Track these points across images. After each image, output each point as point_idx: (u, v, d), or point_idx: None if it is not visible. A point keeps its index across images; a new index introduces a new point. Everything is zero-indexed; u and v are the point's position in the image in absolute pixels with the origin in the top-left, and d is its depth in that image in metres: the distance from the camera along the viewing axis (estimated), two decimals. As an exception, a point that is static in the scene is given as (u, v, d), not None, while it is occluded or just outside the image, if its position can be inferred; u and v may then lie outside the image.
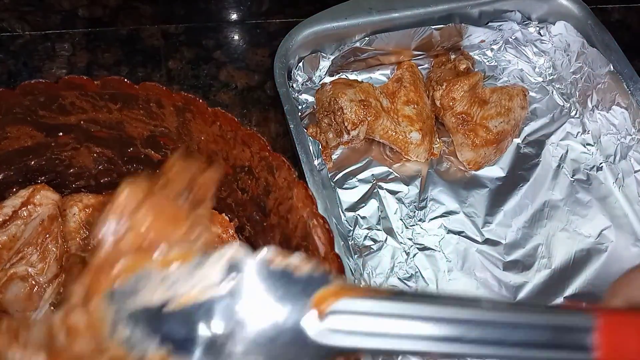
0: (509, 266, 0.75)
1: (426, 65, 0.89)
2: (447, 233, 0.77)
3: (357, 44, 0.83)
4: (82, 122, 0.56)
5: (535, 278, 0.75)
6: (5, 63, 0.82)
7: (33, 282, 0.56)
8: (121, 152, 0.60)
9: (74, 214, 0.59)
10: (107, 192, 0.63)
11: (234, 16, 0.93)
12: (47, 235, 0.58)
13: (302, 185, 0.52)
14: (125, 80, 0.52)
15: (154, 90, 0.53)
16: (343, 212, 0.76)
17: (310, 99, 0.84)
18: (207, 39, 0.89)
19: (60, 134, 0.56)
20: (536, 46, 0.91)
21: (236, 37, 0.91)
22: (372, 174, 0.80)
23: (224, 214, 0.61)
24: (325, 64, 0.84)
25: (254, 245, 0.60)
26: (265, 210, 0.57)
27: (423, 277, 0.73)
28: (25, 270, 0.56)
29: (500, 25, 0.90)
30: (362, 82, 0.83)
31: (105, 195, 0.61)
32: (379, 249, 0.74)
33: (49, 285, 0.56)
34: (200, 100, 0.53)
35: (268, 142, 0.53)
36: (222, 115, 0.53)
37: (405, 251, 0.74)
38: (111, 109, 0.55)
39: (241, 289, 0.34)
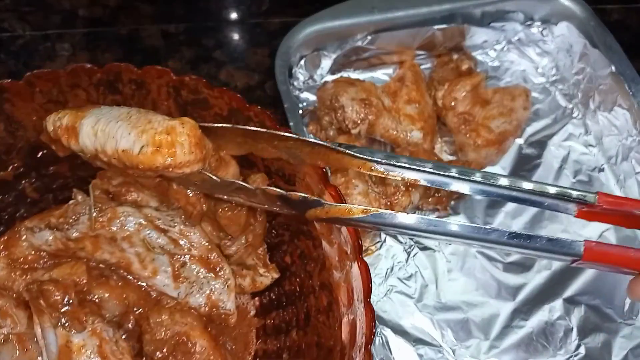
0: (509, 267, 0.80)
1: (428, 65, 0.95)
2: (447, 233, 0.82)
3: (359, 43, 0.89)
4: None
5: (534, 279, 0.80)
6: (5, 63, 0.88)
7: (17, 336, 0.57)
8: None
9: None
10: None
11: (233, 16, 0.98)
12: None
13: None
14: None
15: None
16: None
17: (311, 97, 0.89)
18: (207, 38, 0.94)
19: None
20: (539, 47, 0.97)
21: (236, 37, 0.96)
22: (373, 174, 0.85)
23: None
24: (327, 62, 0.90)
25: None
26: None
27: (423, 277, 0.78)
28: (1, 333, 0.57)
29: (503, 25, 0.95)
30: (364, 81, 0.88)
31: (8, 232, 0.61)
32: (379, 248, 0.80)
33: (29, 326, 0.57)
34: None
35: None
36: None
37: (405, 251, 0.80)
38: None
39: None
